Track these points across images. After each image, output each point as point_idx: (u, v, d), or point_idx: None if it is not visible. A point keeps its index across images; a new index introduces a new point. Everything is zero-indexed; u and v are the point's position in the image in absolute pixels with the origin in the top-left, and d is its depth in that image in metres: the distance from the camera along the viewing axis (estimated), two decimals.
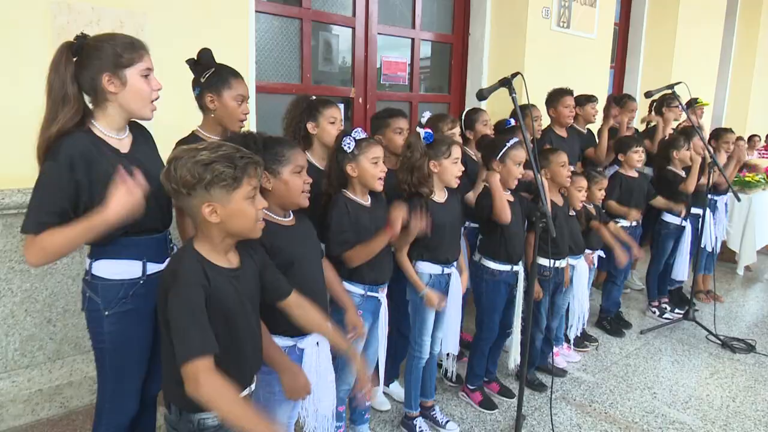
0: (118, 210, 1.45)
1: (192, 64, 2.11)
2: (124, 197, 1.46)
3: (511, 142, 2.58)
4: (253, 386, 1.51)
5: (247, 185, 1.33)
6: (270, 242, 1.65)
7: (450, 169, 2.38)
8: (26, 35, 2.33)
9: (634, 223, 3.71)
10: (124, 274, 1.65)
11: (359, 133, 2.11)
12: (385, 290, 2.26)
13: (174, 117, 2.13)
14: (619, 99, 4.33)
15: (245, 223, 1.36)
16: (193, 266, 1.31)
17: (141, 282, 1.67)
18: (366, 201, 2.17)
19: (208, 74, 2.06)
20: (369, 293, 2.17)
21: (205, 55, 2.09)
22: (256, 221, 1.38)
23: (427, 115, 2.67)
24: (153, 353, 1.75)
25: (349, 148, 2.08)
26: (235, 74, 2.10)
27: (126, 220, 1.48)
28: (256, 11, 3.17)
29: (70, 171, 1.51)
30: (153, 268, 1.68)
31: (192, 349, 1.23)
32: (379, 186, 2.13)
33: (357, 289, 2.16)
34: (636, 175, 3.70)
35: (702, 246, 4.07)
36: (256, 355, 1.50)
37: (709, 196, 4.32)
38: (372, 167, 2.10)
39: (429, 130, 2.38)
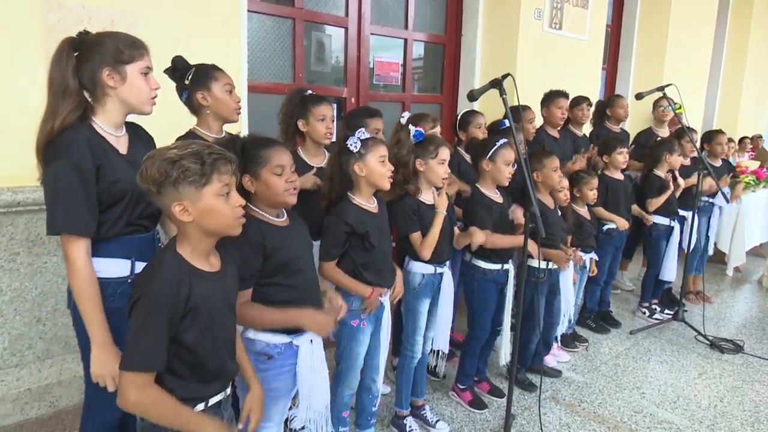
0: None
1: (170, 72, 2.12)
2: None
3: (501, 141, 2.59)
4: (228, 390, 1.48)
5: (217, 182, 1.29)
6: (268, 243, 1.67)
7: (435, 169, 2.38)
8: (16, 32, 2.32)
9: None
10: (112, 272, 1.64)
11: (363, 133, 2.10)
12: (388, 294, 2.26)
13: (163, 116, 2.12)
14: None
15: (219, 219, 1.32)
16: (171, 274, 1.27)
17: (129, 281, 1.66)
18: (372, 204, 2.17)
19: (191, 74, 2.09)
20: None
21: (180, 61, 2.11)
22: (233, 218, 1.35)
23: (406, 115, 2.64)
24: None
25: (355, 147, 2.07)
26: (216, 67, 2.13)
27: None
28: (249, 11, 3.17)
29: (85, 163, 1.52)
30: (141, 267, 1.64)
31: (133, 361, 1.23)
32: (388, 184, 2.14)
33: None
34: (621, 177, 3.72)
35: (691, 248, 4.10)
36: (233, 359, 1.48)
37: (705, 198, 4.36)
38: (380, 166, 2.09)
39: (420, 129, 2.38)
